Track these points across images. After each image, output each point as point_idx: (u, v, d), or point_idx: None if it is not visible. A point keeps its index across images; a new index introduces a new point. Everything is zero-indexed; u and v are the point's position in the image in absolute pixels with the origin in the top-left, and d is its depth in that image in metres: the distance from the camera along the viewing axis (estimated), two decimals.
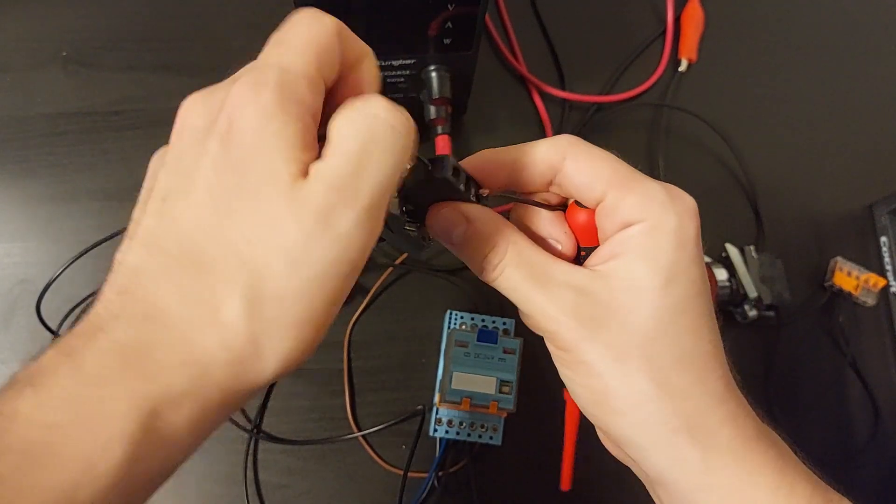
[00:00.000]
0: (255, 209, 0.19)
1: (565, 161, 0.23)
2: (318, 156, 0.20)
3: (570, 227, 0.25)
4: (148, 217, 0.20)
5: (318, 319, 0.19)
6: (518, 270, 0.23)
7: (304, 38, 0.20)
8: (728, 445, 0.22)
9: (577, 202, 0.24)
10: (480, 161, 0.24)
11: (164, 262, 0.19)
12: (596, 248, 0.24)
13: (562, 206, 0.25)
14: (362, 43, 0.23)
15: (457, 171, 0.23)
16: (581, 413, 0.29)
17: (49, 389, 0.17)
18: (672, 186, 0.24)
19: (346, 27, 0.22)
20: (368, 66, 0.23)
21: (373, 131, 0.19)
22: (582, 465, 0.43)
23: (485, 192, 0.24)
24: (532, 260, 0.23)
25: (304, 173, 0.19)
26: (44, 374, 0.18)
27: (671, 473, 0.22)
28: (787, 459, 0.23)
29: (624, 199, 0.23)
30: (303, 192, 0.19)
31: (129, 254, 0.20)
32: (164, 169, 0.20)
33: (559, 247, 0.25)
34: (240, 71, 0.21)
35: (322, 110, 0.22)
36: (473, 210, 0.24)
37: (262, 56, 0.21)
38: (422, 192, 0.24)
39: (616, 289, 0.22)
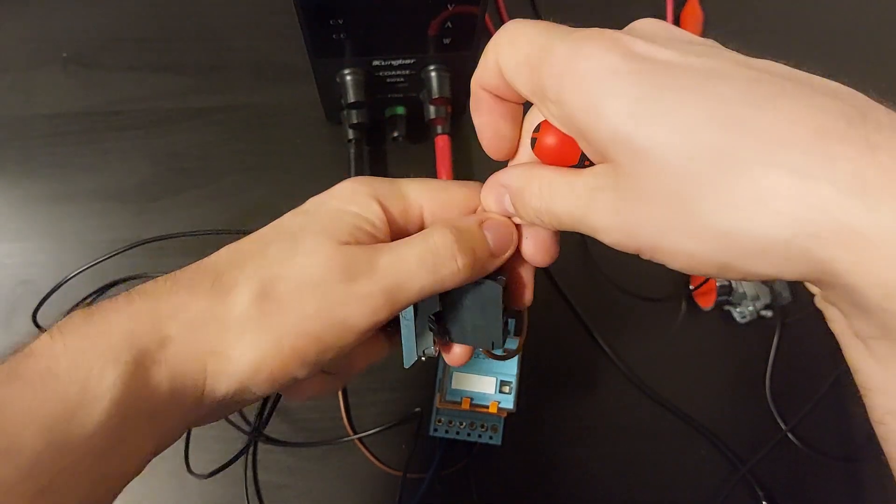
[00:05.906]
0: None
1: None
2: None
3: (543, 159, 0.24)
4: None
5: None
6: (541, 191, 0.24)
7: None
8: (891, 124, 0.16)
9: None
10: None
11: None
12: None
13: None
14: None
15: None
16: None
17: (61, 334, 0.20)
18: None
19: None
20: None
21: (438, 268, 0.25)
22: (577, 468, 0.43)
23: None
24: (544, 171, 0.24)
25: None
26: (62, 325, 0.21)
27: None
28: None
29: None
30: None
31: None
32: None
33: None
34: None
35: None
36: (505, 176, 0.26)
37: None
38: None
39: (610, 144, 0.19)
